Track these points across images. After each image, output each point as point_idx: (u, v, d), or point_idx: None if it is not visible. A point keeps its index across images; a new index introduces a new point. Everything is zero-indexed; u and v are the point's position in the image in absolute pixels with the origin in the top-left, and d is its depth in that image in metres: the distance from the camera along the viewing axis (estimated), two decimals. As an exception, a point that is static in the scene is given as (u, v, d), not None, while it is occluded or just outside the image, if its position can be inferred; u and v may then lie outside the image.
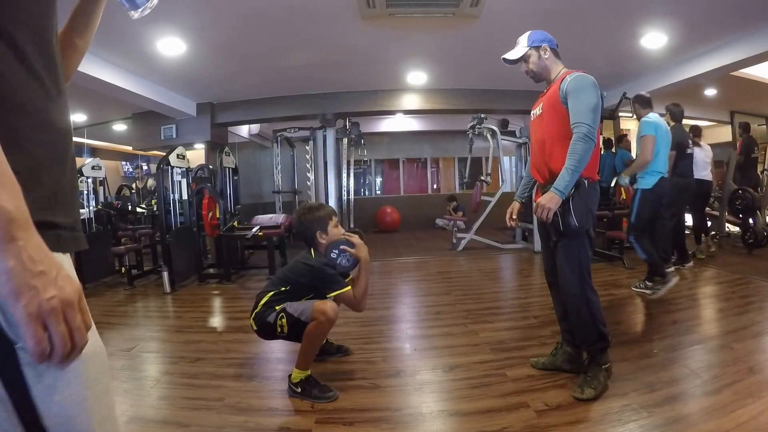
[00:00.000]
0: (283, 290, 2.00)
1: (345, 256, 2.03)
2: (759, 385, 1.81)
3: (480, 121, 5.86)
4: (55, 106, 0.62)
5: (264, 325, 1.95)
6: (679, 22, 3.97)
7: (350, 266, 2.06)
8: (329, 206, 2.17)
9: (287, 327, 1.90)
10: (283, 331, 1.92)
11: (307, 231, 2.05)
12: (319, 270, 1.98)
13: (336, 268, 2.01)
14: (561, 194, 1.75)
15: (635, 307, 3.18)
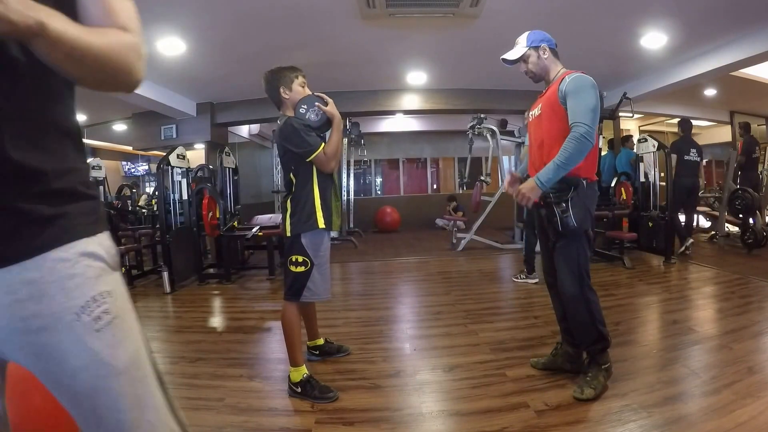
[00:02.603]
0: (291, 177, 1.96)
1: (314, 111, 1.95)
2: (758, 385, 1.81)
3: (480, 121, 5.86)
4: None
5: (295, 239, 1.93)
6: (679, 22, 3.97)
7: (319, 121, 1.97)
8: (300, 68, 2.07)
9: (298, 273, 1.92)
10: (294, 266, 1.92)
11: (272, 90, 1.99)
12: (290, 128, 1.90)
13: (305, 123, 1.94)
14: (542, 186, 1.76)
15: (635, 307, 3.18)
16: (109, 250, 0.69)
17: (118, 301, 0.68)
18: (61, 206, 0.63)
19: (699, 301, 3.29)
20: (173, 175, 4.59)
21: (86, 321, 0.63)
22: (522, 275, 4.00)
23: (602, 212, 4.80)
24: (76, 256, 0.63)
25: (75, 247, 0.64)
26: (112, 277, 0.69)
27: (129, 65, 0.64)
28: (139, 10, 0.71)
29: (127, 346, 0.69)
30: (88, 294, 0.64)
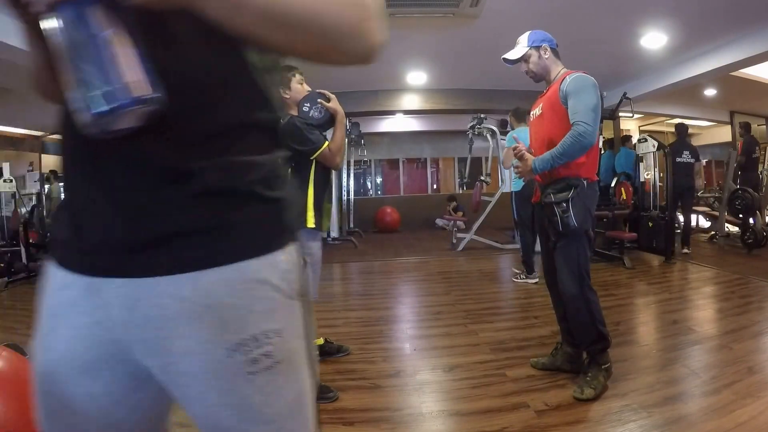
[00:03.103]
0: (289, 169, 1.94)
1: (316, 108, 1.94)
2: (758, 385, 1.81)
3: (480, 121, 5.87)
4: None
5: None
6: (679, 22, 3.98)
7: (322, 118, 1.96)
8: (295, 66, 2.04)
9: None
10: None
11: None
12: (292, 126, 1.88)
13: (308, 121, 1.93)
14: (535, 170, 1.86)
15: (635, 308, 3.18)
16: (286, 274, 0.53)
17: (287, 342, 0.53)
18: (223, 214, 0.50)
19: (699, 301, 3.29)
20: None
21: (238, 361, 0.50)
22: (522, 275, 4.00)
23: (602, 212, 4.80)
24: (241, 282, 0.50)
25: (240, 270, 0.50)
26: (285, 311, 0.53)
27: (353, 25, 0.49)
28: None
29: (285, 394, 0.54)
30: (249, 331, 0.50)
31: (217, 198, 0.49)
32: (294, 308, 0.55)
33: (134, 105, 0.39)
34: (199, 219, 0.49)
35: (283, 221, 0.55)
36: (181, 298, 0.49)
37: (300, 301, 0.56)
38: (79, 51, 0.38)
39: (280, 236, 0.54)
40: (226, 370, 0.50)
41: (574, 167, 1.82)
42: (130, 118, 0.40)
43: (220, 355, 0.50)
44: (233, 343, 0.50)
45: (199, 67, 0.49)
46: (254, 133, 0.54)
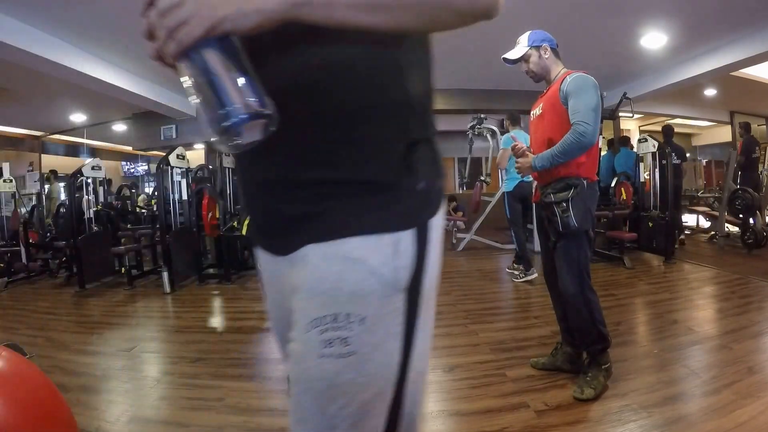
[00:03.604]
0: None
1: None
2: (758, 385, 1.81)
3: (480, 122, 5.86)
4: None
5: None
6: (679, 22, 3.97)
7: None
8: None
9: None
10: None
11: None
12: None
13: None
14: (533, 167, 1.87)
15: (635, 308, 3.18)
16: (391, 260, 0.50)
17: (371, 335, 0.50)
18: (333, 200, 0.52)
19: (699, 301, 3.29)
20: (173, 176, 4.59)
21: (314, 338, 0.50)
22: (521, 274, 4.00)
23: (602, 212, 4.80)
24: (334, 256, 0.50)
25: (337, 245, 0.51)
26: (379, 300, 0.50)
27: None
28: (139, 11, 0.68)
29: (350, 394, 0.51)
30: (331, 308, 0.50)
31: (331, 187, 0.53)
32: (393, 300, 0.51)
33: (247, 121, 0.46)
34: (313, 206, 0.53)
35: (395, 207, 0.52)
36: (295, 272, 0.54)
37: (406, 296, 0.52)
38: (201, 85, 0.47)
39: (386, 220, 0.52)
40: (304, 344, 0.52)
41: (573, 167, 1.82)
42: (249, 133, 0.48)
43: (303, 325, 0.52)
44: (313, 317, 0.50)
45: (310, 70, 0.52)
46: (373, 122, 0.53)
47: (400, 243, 0.51)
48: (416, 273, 0.53)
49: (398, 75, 0.54)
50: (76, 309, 3.62)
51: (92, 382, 2.13)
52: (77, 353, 2.54)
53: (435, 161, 0.59)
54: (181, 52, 0.46)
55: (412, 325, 0.53)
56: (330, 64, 0.51)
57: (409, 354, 0.54)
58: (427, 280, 0.54)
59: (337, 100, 0.52)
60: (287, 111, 0.49)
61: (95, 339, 2.82)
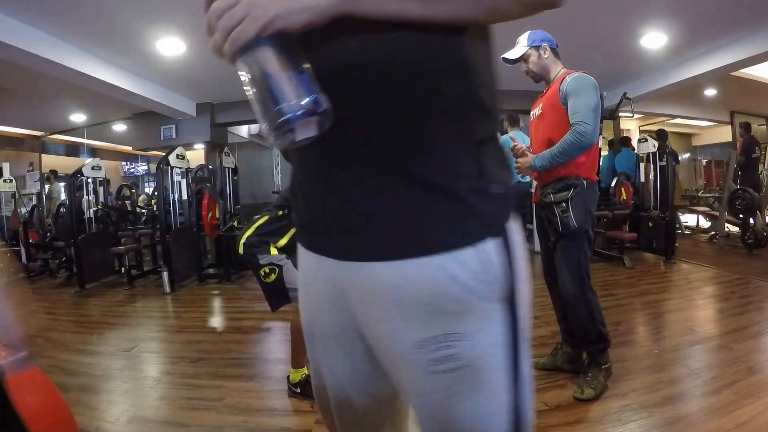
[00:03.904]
0: (279, 213, 1.91)
1: None
2: (758, 385, 1.81)
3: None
4: None
5: (252, 257, 1.84)
6: (679, 22, 3.97)
7: None
8: None
9: (272, 281, 1.80)
10: (265, 279, 1.81)
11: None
12: None
13: None
14: (533, 167, 1.87)
15: (635, 308, 3.18)
16: (480, 274, 0.49)
17: (476, 347, 0.50)
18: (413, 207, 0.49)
19: (699, 301, 3.28)
20: (173, 176, 4.59)
21: (422, 357, 0.51)
22: None
23: (602, 212, 4.80)
24: (425, 277, 0.49)
25: (425, 264, 0.49)
26: (475, 314, 0.50)
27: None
28: (139, 11, 0.68)
29: (466, 402, 0.52)
30: (432, 330, 0.50)
31: (401, 192, 0.49)
32: (491, 312, 0.51)
33: (301, 118, 0.46)
34: (384, 213, 0.50)
35: (474, 216, 0.50)
36: (373, 286, 0.52)
37: (504, 305, 0.52)
38: (256, 81, 0.48)
39: (469, 232, 0.50)
40: (410, 363, 0.52)
41: (573, 167, 1.82)
42: (303, 130, 0.48)
43: (405, 349, 0.51)
44: (417, 339, 0.50)
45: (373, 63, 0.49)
46: (443, 120, 0.50)
47: (487, 254, 0.50)
48: (509, 280, 0.52)
49: (465, 67, 0.52)
50: (76, 309, 3.62)
51: (92, 382, 2.13)
52: (77, 353, 2.54)
53: (504, 160, 0.57)
54: (237, 51, 0.47)
55: (516, 332, 0.54)
56: (393, 57, 0.49)
57: (519, 360, 0.55)
58: (521, 284, 0.54)
59: (406, 97, 0.49)
60: (358, 107, 0.49)
61: (95, 339, 2.82)
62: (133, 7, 3.27)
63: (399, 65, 0.49)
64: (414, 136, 0.50)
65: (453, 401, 0.52)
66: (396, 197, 0.50)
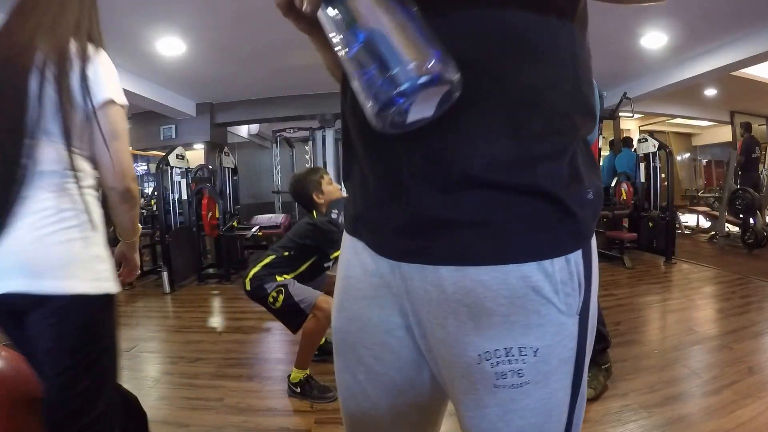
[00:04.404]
0: (286, 255, 1.99)
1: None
2: (758, 386, 1.81)
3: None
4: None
5: (259, 289, 1.91)
6: (679, 22, 3.97)
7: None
8: (319, 167, 2.15)
9: (281, 304, 1.87)
10: (274, 304, 1.87)
11: (304, 196, 2.06)
12: (321, 227, 1.99)
13: (338, 226, 2.01)
14: None
15: (635, 308, 3.18)
16: (562, 286, 0.45)
17: (545, 363, 0.47)
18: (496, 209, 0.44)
19: (699, 301, 3.28)
20: (172, 175, 4.59)
21: (486, 369, 0.47)
22: None
23: (602, 212, 4.80)
24: (503, 286, 0.45)
25: (504, 272, 0.44)
26: (551, 328, 0.46)
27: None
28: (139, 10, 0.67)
29: (527, 416, 0.49)
30: (502, 342, 0.46)
31: (492, 191, 0.44)
32: (566, 327, 0.47)
33: (427, 86, 0.33)
34: (469, 213, 0.45)
35: (568, 223, 0.45)
36: (443, 290, 0.47)
37: (578, 320, 0.48)
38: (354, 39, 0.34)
39: (561, 241, 0.45)
40: (473, 373, 0.48)
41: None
42: (422, 106, 0.35)
43: (470, 358, 0.48)
44: (484, 350, 0.47)
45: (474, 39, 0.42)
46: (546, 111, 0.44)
47: (572, 266, 0.46)
48: (585, 295, 0.48)
49: (573, 55, 0.45)
50: (75, 309, 3.62)
51: (92, 382, 2.13)
52: (77, 353, 2.54)
53: (594, 162, 0.51)
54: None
55: (583, 348, 0.49)
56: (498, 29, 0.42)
57: (580, 377, 0.50)
58: (593, 300, 0.49)
59: (509, 79, 0.43)
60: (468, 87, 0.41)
61: (95, 339, 2.82)
62: (133, 7, 3.27)
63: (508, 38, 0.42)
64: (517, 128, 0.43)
65: (512, 417, 0.49)
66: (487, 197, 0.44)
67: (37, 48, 0.81)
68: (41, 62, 0.81)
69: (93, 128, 0.86)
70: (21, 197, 0.79)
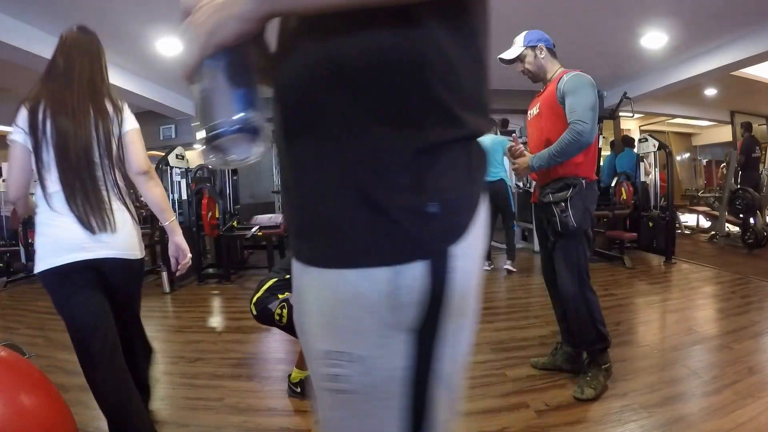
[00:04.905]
0: (287, 277, 2.00)
1: None
2: (758, 386, 1.81)
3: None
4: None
5: (264, 311, 1.93)
6: (679, 22, 3.97)
7: None
8: None
9: (287, 318, 1.89)
10: (281, 320, 1.89)
11: None
12: None
13: None
14: (531, 167, 1.87)
15: (635, 308, 3.18)
16: (391, 298, 0.44)
17: (369, 375, 0.45)
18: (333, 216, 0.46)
19: (699, 301, 3.28)
20: (172, 175, 4.59)
21: (321, 370, 0.49)
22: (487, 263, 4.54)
23: (602, 212, 4.80)
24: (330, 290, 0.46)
25: (332, 277, 0.46)
26: (376, 339, 0.45)
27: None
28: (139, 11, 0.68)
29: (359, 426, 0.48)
30: (327, 345, 0.47)
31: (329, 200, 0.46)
32: (396, 341, 0.45)
33: (229, 134, 0.46)
34: (312, 220, 0.49)
35: (402, 234, 0.44)
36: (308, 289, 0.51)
37: (414, 337, 0.45)
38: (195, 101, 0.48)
39: (392, 251, 0.44)
40: (314, 371, 0.51)
41: (572, 166, 1.81)
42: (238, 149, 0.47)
43: (315, 356, 0.50)
44: (317, 348, 0.49)
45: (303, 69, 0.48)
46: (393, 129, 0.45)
47: (401, 278, 0.44)
48: (430, 311, 0.45)
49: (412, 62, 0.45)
50: (75, 309, 3.62)
51: (92, 382, 2.13)
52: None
53: (467, 170, 0.48)
54: (188, 73, 0.48)
55: (425, 371, 0.46)
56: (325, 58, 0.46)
57: (423, 405, 0.47)
58: (449, 318, 0.46)
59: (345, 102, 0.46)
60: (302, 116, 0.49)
61: (95, 339, 2.82)
62: (133, 7, 3.27)
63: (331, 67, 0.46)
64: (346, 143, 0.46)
65: (336, 422, 0.49)
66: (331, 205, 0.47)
67: (89, 110, 1.32)
68: (95, 119, 1.33)
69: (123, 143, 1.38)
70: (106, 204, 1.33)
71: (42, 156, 1.28)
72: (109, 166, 1.34)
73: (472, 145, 0.50)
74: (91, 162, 1.31)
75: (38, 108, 1.28)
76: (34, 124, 1.27)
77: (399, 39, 0.45)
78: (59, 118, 1.28)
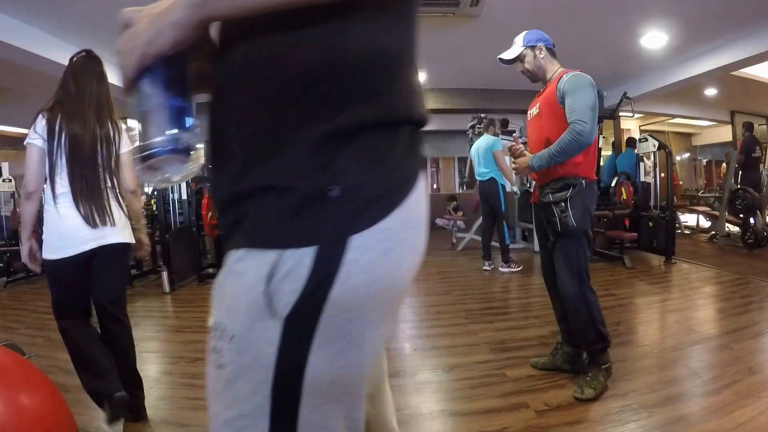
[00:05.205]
0: None
1: None
2: (759, 386, 1.81)
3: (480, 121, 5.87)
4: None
5: None
6: (680, 22, 3.97)
7: None
8: None
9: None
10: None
11: None
12: None
13: None
14: (531, 167, 1.87)
15: (635, 308, 3.18)
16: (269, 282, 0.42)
17: (239, 355, 0.45)
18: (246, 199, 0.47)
19: (699, 301, 3.28)
20: (173, 175, 4.58)
21: (209, 341, 0.49)
22: (487, 263, 4.58)
23: (602, 212, 4.80)
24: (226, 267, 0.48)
25: (230, 256, 0.47)
26: (248, 321, 0.44)
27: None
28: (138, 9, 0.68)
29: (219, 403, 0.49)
30: (215, 315, 0.48)
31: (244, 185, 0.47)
32: (264, 328, 0.43)
33: (162, 155, 0.47)
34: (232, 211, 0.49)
35: (290, 218, 0.43)
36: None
37: (284, 326, 0.42)
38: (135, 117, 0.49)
39: (275, 235, 0.43)
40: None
41: (571, 166, 1.81)
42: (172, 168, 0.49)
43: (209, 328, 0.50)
44: (211, 322, 0.49)
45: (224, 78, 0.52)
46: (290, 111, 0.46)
47: (282, 263, 0.42)
48: (310, 302, 0.42)
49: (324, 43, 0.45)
50: (75, 309, 3.62)
51: (92, 382, 2.13)
52: (77, 353, 2.53)
53: (384, 157, 0.46)
54: (127, 89, 0.48)
55: (294, 368, 0.43)
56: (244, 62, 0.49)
57: (290, 395, 0.44)
58: (336, 319, 0.43)
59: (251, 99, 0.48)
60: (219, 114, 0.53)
61: (95, 339, 2.81)
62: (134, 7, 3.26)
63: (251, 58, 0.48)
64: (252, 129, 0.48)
65: (212, 396, 0.50)
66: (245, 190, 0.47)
67: (97, 133, 1.62)
68: (101, 140, 1.64)
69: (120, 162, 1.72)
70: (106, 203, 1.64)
71: (55, 161, 1.55)
72: (109, 171, 1.64)
73: (396, 132, 0.48)
74: (96, 168, 1.61)
75: (55, 121, 1.55)
76: (51, 133, 1.54)
77: (319, 29, 0.45)
78: (72, 128, 1.57)
